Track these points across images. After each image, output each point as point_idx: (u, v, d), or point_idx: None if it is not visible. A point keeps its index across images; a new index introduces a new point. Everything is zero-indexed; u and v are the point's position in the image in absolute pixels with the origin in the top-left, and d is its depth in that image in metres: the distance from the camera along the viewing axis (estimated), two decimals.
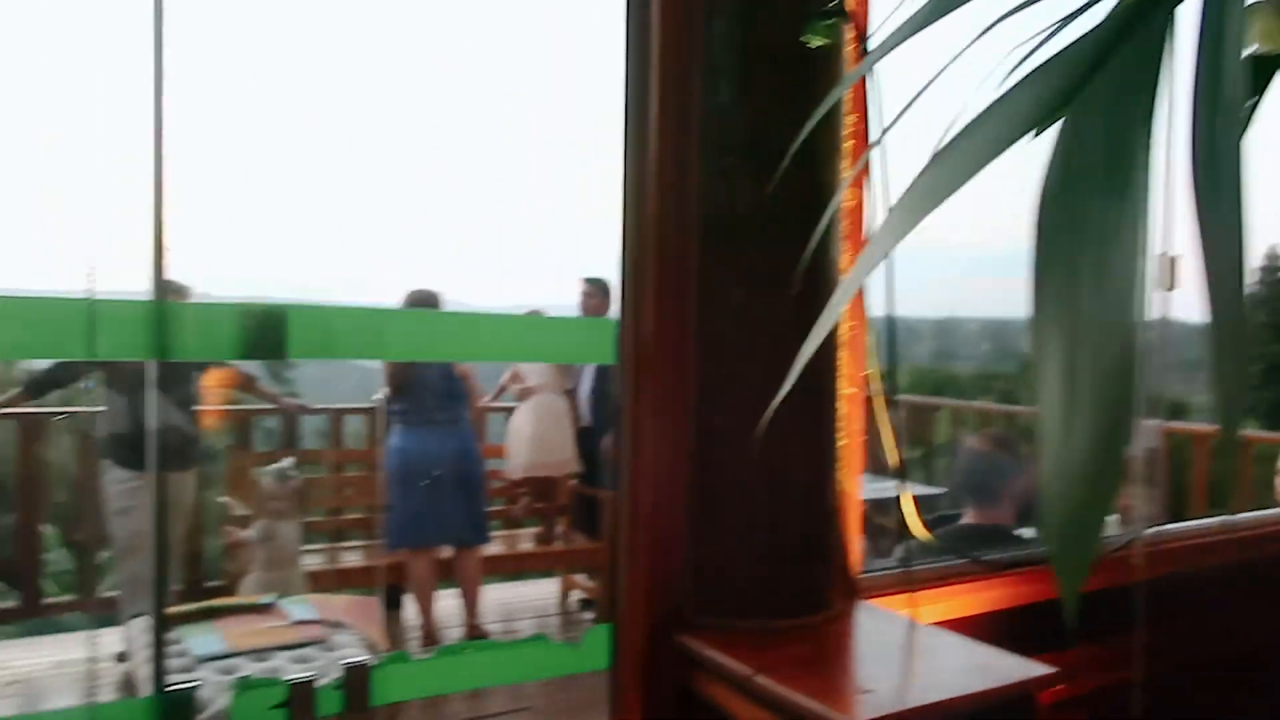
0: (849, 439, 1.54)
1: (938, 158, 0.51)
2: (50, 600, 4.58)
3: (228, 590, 4.09)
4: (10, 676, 3.91)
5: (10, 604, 4.53)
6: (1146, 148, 0.43)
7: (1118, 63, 0.46)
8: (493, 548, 4.76)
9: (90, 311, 1.11)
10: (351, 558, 4.65)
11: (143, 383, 3.69)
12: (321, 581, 4.14)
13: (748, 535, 1.43)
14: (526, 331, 1.46)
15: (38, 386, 4.10)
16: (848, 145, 1.47)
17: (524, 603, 5.12)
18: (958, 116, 0.62)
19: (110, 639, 3.75)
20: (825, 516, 1.48)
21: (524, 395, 4.93)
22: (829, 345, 1.44)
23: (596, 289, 4.66)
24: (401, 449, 4.29)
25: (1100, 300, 0.42)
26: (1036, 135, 0.61)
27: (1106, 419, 0.44)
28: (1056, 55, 0.54)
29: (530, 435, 4.85)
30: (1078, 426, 0.44)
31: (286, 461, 4.06)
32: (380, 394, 4.65)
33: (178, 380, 3.73)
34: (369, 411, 5.04)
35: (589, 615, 4.93)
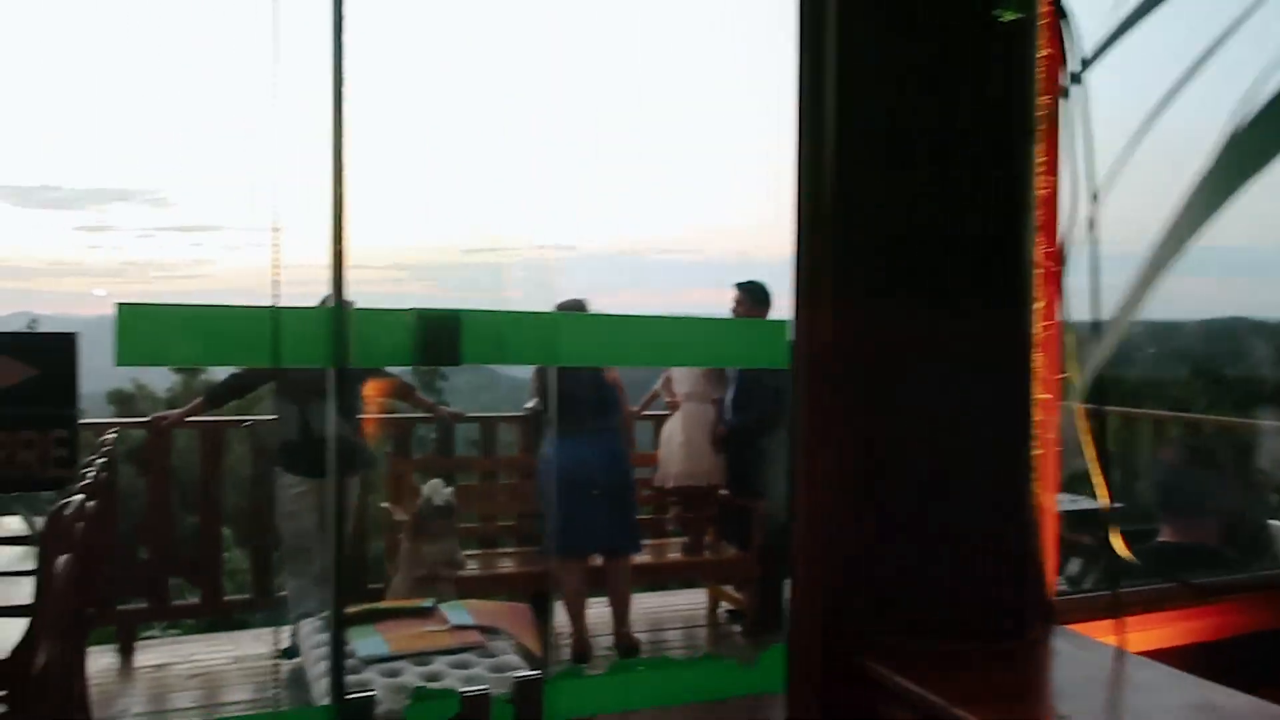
0: (1043, 449, 1.42)
1: (1253, 125, 0.43)
2: (228, 598, 4.86)
3: (385, 594, 4.23)
4: (192, 670, 4.15)
5: (193, 601, 4.83)
6: None
7: None
8: (640, 557, 4.75)
9: (274, 321, 1.13)
10: (505, 564, 4.73)
11: (310, 393, 3.88)
12: (475, 587, 4.21)
13: (933, 550, 1.33)
14: (693, 333, 1.41)
15: (216, 396, 4.37)
16: (1040, 130, 1.35)
17: (671, 612, 5.08)
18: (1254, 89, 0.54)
19: (281, 637, 3.94)
20: (1020, 531, 1.36)
21: (674, 406, 4.90)
22: (1025, 346, 1.33)
23: (746, 295, 4.58)
24: (552, 457, 4.33)
25: None
26: None
27: None
28: None
29: (680, 444, 4.82)
30: None
31: (445, 491, 4.14)
32: (531, 402, 4.72)
33: (343, 390, 3.89)
34: (521, 420, 5.13)
35: (737, 627, 4.85)
